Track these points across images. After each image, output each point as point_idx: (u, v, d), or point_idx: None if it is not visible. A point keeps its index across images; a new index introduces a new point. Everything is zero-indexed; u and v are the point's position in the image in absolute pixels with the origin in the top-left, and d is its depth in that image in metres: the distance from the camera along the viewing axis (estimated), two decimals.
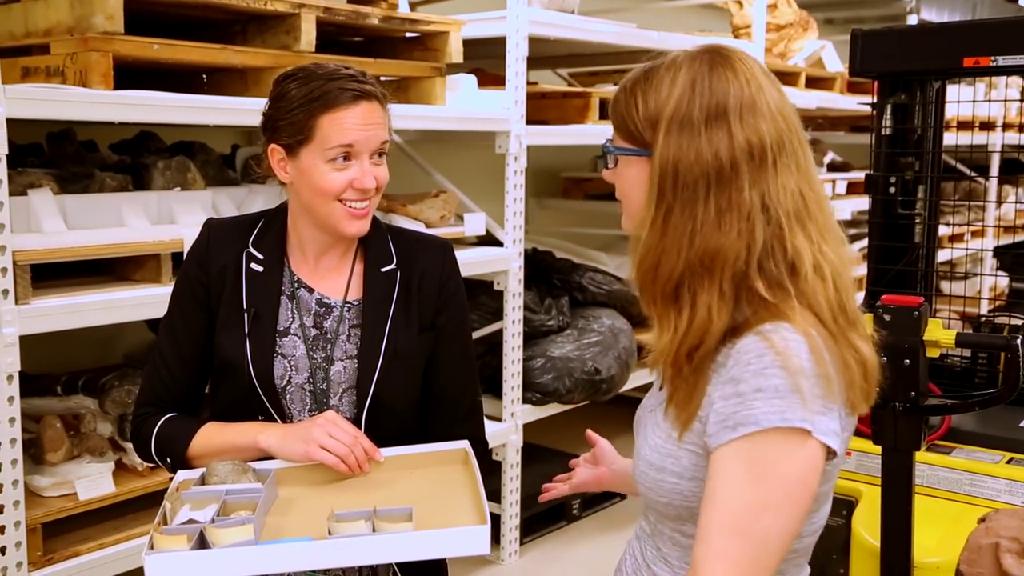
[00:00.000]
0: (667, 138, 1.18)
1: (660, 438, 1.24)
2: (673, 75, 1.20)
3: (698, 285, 1.17)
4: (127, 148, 3.11)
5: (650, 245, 1.19)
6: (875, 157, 2.47)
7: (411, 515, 1.43)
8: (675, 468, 1.21)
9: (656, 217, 1.19)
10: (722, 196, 1.16)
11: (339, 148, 1.55)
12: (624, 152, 1.24)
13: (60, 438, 2.48)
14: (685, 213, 1.17)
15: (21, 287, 2.19)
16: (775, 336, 1.13)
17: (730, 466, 1.12)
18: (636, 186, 1.23)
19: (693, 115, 1.17)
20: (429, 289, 1.69)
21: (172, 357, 1.68)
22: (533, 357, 3.69)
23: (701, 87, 1.18)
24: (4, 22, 2.51)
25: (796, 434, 1.10)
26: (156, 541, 1.37)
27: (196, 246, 1.70)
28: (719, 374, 1.17)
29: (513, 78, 3.36)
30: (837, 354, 1.16)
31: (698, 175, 1.16)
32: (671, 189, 1.17)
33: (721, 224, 1.16)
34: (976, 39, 2.26)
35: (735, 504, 1.11)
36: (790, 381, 1.11)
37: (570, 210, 5.18)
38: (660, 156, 1.18)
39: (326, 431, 1.55)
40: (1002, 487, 2.21)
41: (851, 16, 7.15)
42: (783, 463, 1.10)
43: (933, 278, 2.52)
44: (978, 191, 6.19)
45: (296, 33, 2.65)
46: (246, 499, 1.48)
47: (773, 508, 1.10)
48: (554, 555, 3.71)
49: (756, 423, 1.10)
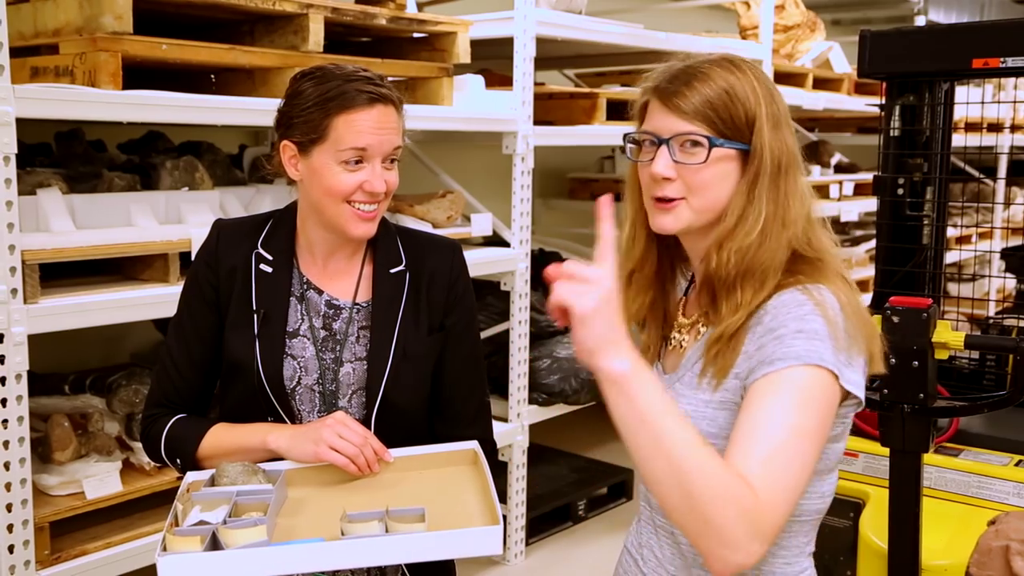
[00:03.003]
0: (769, 134, 1.28)
1: (690, 404, 1.30)
2: (749, 77, 1.30)
3: (779, 262, 1.28)
4: (135, 148, 3.12)
5: (747, 234, 1.27)
6: (883, 158, 2.47)
7: (423, 516, 1.43)
8: (711, 428, 1.27)
9: (753, 208, 1.28)
10: (798, 180, 1.30)
11: (352, 151, 1.54)
12: (729, 146, 1.28)
13: (68, 437, 2.48)
14: (784, 199, 1.28)
15: (29, 286, 2.19)
16: (815, 292, 1.24)
17: (769, 392, 1.18)
18: (724, 179, 1.29)
19: (778, 113, 1.30)
20: (438, 290, 1.69)
21: (181, 358, 1.68)
22: (540, 358, 3.69)
23: (771, 88, 1.32)
24: (14, 22, 2.52)
25: (827, 374, 1.19)
26: (169, 542, 1.37)
27: (205, 247, 1.70)
28: (754, 330, 1.25)
29: (520, 79, 3.36)
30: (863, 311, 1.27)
31: (789, 164, 1.29)
32: (768, 180, 1.28)
33: (793, 204, 1.29)
34: (985, 40, 2.25)
35: (777, 424, 1.16)
36: (828, 328, 1.21)
37: (577, 211, 5.18)
38: (768, 149, 1.27)
39: (336, 432, 1.55)
40: (1010, 489, 2.20)
41: (858, 17, 7.14)
42: (817, 396, 1.18)
43: (941, 280, 2.52)
44: (986, 193, 6.17)
45: (304, 33, 2.65)
46: (257, 500, 1.48)
47: (809, 435, 1.17)
48: (560, 555, 3.71)
49: (798, 357, 1.18)
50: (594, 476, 4.18)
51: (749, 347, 1.25)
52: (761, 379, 1.19)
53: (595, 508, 4.05)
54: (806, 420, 1.17)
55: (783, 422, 1.16)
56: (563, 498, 3.94)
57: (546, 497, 3.90)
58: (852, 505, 2.20)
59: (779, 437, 1.15)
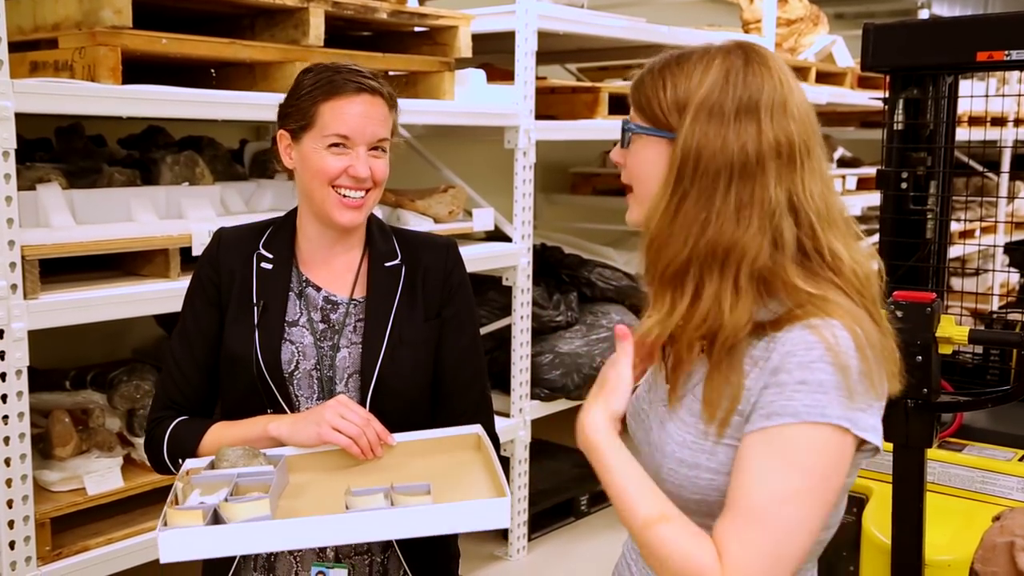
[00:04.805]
0: (694, 123, 1.17)
1: (691, 435, 1.22)
2: (706, 63, 1.20)
3: (705, 274, 1.17)
4: (135, 143, 3.11)
5: (660, 228, 1.19)
6: (887, 152, 2.46)
7: (429, 491, 1.41)
8: (711, 464, 1.20)
9: (670, 201, 1.18)
10: (744, 190, 1.16)
11: (335, 136, 1.59)
12: (646, 132, 1.23)
13: (69, 433, 2.48)
14: (700, 201, 1.17)
15: (30, 282, 2.19)
16: (825, 331, 1.13)
17: (760, 452, 1.12)
18: (650, 168, 1.22)
19: (724, 105, 1.16)
20: (433, 283, 1.71)
21: (185, 360, 1.68)
22: (541, 353, 3.69)
23: (735, 79, 1.18)
24: (13, 16, 2.51)
25: (832, 430, 1.10)
26: (170, 517, 1.34)
27: (207, 252, 1.73)
28: (760, 367, 1.16)
29: (522, 73, 3.35)
30: (884, 345, 1.17)
31: (721, 165, 1.16)
32: (690, 175, 1.17)
33: (740, 218, 1.15)
34: (990, 33, 2.24)
35: (761, 490, 1.11)
36: (837, 377, 1.11)
37: (579, 205, 5.17)
38: (684, 140, 1.17)
39: (338, 412, 1.55)
40: (1014, 484, 2.20)
41: (862, 11, 7.12)
42: (813, 457, 1.11)
43: (945, 274, 2.51)
44: (989, 187, 6.15)
45: (305, 27, 2.64)
46: (258, 482, 1.45)
47: (799, 499, 1.10)
48: (562, 551, 3.71)
49: (794, 414, 1.11)
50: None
51: (751, 382, 1.16)
52: (756, 433, 1.13)
53: (597, 503, 4.04)
54: (797, 483, 1.10)
55: (768, 488, 1.10)
56: (565, 493, 3.94)
57: (548, 492, 3.90)
58: (855, 500, 2.20)
59: (760, 505, 1.10)
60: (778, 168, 1.16)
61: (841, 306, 1.16)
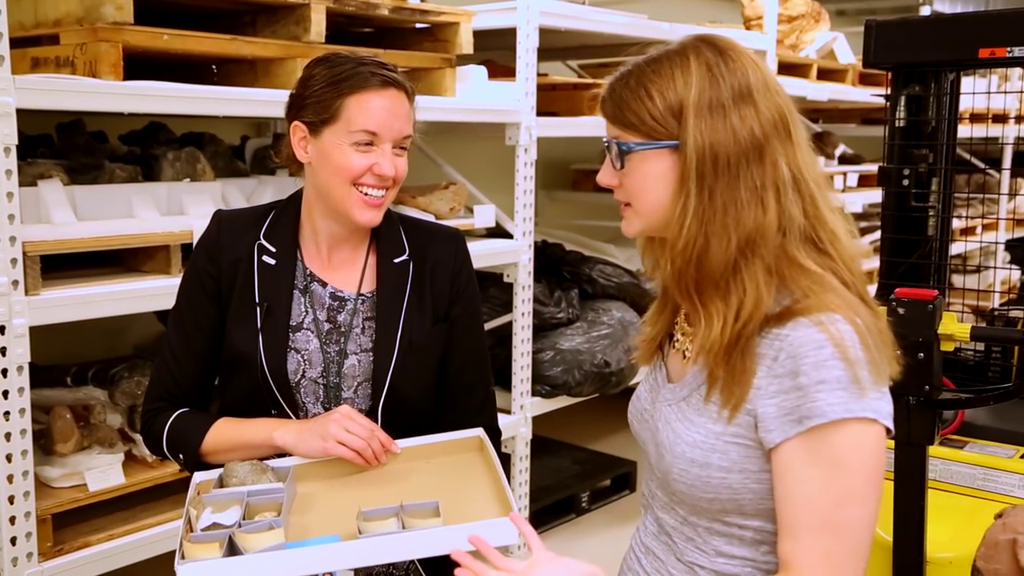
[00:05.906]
0: (697, 124, 1.17)
1: (700, 434, 1.22)
2: (682, 64, 1.19)
3: (746, 267, 1.17)
4: (137, 139, 3.11)
5: (690, 235, 1.18)
6: (889, 149, 2.45)
7: (438, 509, 1.43)
8: (722, 462, 1.20)
9: (697, 205, 1.18)
10: (760, 172, 1.17)
11: (363, 132, 1.54)
12: (645, 147, 1.21)
13: (70, 429, 2.48)
14: (727, 195, 1.17)
15: (31, 278, 2.19)
16: (831, 327, 1.14)
17: (802, 461, 1.13)
18: (654, 182, 1.21)
19: (720, 97, 1.17)
20: (442, 279, 1.68)
21: (182, 351, 1.66)
22: (543, 350, 3.68)
23: (719, 71, 1.18)
24: (14, 12, 2.51)
25: (861, 423, 1.12)
26: (187, 550, 1.36)
27: (205, 238, 1.68)
28: (768, 365, 1.17)
29: (523, 69, 3.34)
30: (880, 328, 1.18)
31: (738, 153, 1.17)
32: (711, 173, 1.17)
33: (763, 200, 1.17)
34: (992, 30, 2.23)
35: (818, 499, 1.11)
36: (850, 372, 1.12)
37: (580, 202, 5.17)
38: (693, 142, 1.17)
39: (342, 426, 1.54)
40: (1016, 482, 2.19)
41: (863, 7, 7.12)
42: (856, 453, 1.12)
43: (946, 271, 2.50)
44: (991, 184, 6.15)
45: (306, 23, 2.64)
46: (269, 500, 1.47)
47: (857, 498, 1.12)
48: (563, 547, 3.70)
49: (823, 415, 1.12)
50: (598, 468, 4.18)
51: (762, 381, 1.17)
52: (790, 443, 1.13)
53: (599, 500, 4.04)
54: (847, 482, 1.12)
55: (824, 495, 1.11)
56: (566, 490, 3.94)
57: (549, 489, 3.90)
58: None
59: (823, 514, 1.11)
60: (780, 143, 1.18)
61: (839, 295, 1.17)
